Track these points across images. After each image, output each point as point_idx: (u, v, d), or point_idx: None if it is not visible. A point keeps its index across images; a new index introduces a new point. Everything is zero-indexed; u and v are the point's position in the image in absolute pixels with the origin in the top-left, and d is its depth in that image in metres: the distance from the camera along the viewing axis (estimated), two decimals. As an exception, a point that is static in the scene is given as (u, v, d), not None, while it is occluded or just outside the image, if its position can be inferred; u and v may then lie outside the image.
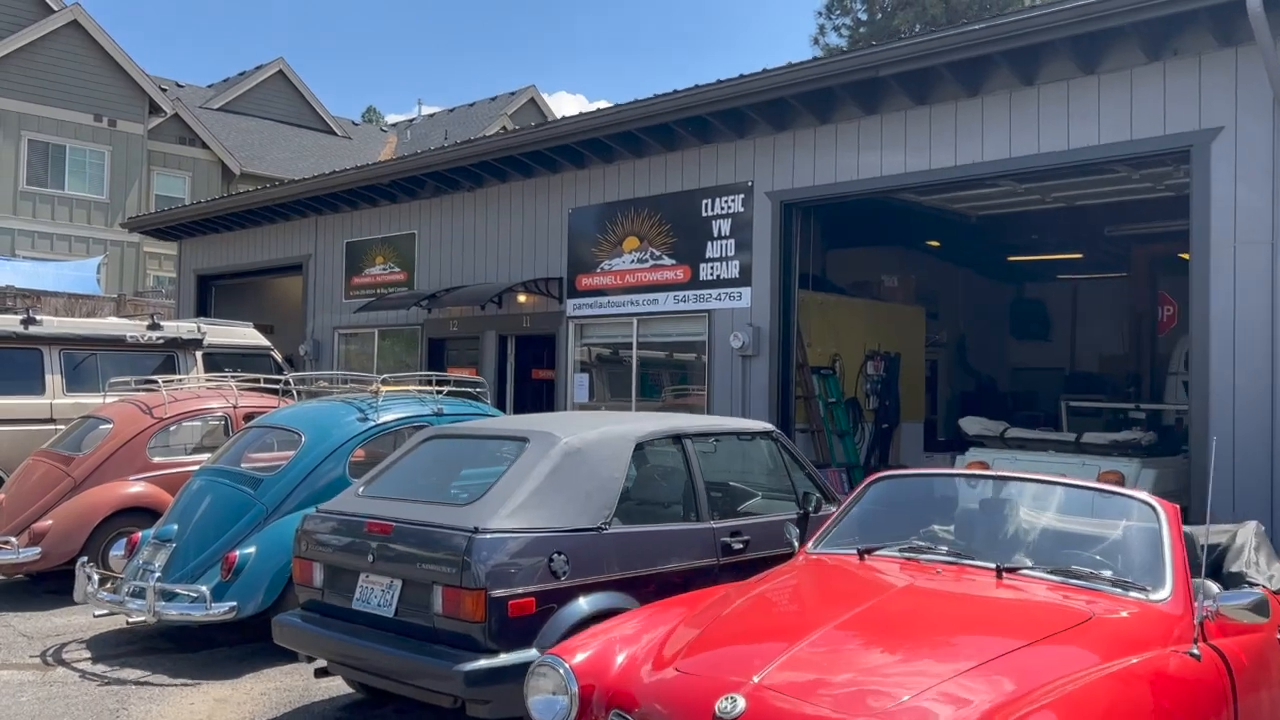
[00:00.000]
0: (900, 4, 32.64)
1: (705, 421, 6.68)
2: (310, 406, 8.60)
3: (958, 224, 13.89)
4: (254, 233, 18.72)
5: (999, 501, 4.78)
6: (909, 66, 9.42)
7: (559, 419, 6.54)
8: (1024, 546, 4.49)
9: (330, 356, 16.75)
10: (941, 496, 5.06)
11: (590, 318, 12.89)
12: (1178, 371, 16.22)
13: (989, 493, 4.83)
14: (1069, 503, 4.70)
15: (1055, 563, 4.26)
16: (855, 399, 12.99)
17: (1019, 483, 4.79)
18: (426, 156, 14.07)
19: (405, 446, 6.50)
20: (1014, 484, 4.78)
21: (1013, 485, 4.78)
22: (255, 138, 38.10)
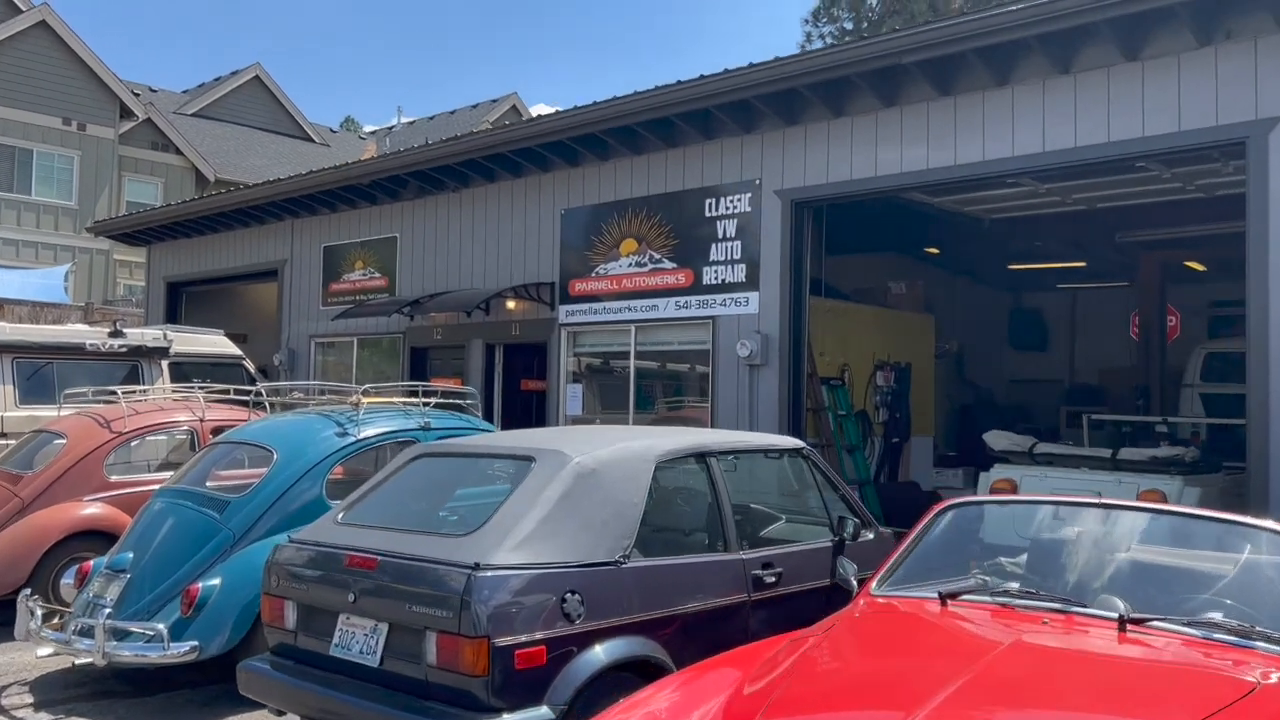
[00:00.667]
0: (889, 11, 32.17)
1: (730, 438, 5.92)
2: (284, 420, 7.79)
3: (970, 227, 13.22)
4: (227, 237, 17.86)
5: (1100, 534, 4.04)
6: (935, 53, 8.74)
7: (566, 434, 5.77)
8: (1138, 590, 3.76)
9: (306, 366, 15.90)
10: (1026, 528, 4.32)
11: (584, 325, 12.12)
12: (1193, 384, 15.62)
13: (1086, 524, 4.09)
14: (1184, 534, 3.97)
15: (1181, 609, 3.53)
16: (864, 411, 12.28)
17: (1122, 511, 4.05)
18: (409, 155, 13.29)
19: (391, 466, 5.71)
20: (1116, 513, 4.05)
21: (1115, 515, 4.04)
22: (230, 144, 37.19)
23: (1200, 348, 15.74)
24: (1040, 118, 8.76)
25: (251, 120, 39.32)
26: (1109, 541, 4.01)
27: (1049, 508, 4.37)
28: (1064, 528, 4.18)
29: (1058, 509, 4.28)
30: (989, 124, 9.06)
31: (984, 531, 4.42)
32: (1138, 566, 3.88)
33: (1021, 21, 8.17)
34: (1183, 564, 3.83)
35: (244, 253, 17.55)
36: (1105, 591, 3.79)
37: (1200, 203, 12.25)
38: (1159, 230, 14.87)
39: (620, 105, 10.92)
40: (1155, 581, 3.83)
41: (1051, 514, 4.29)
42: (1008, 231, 13.77)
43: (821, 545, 5.93)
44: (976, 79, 9.05)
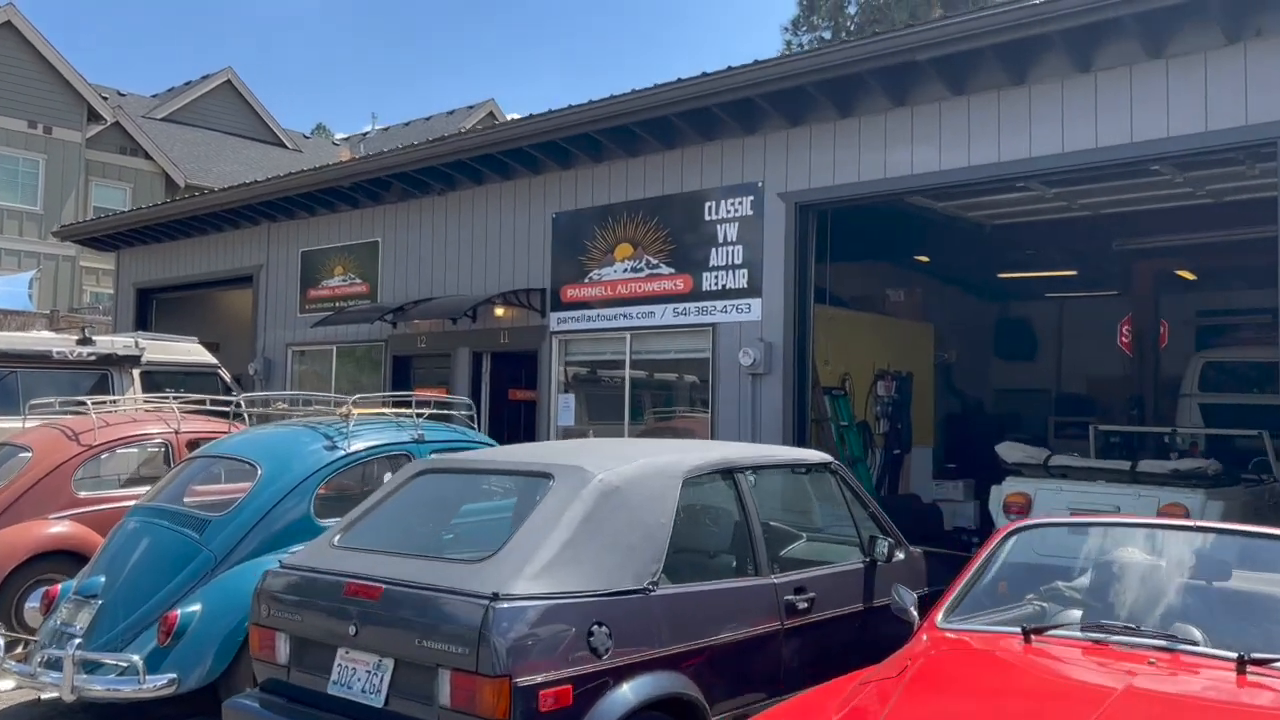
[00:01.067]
0: (868, 20, 31.99)
1: (756, 452, 5.50)
2: (267, 432, 7.30)
3: (971, 234, 12.90)
4: (200, 242, 17.28)
5: (1189, 559, 3.65)
6: (951, 49, 8.38)
7: (583, 449, 5.32)
8: (1240, 624, 3.36)
9: (283, 376, 15.35)
10: (1105, 553, 3.92)
11: (577, 333, 11.68)
12: (1191, 393, 15.39)
13: (1173, 548, 3.70)
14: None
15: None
16: (865, 422, 11.91)
17: (1220, 535, 3.66)
18: (392, 156, 12.80)
19: (392, 484, 5.24)
20: (1213, 536, 3.66)
21: (1212, 538, 3.65)
22: (201, 149, 36.49)
23: (1198, 357, 15.52)
24: (1059, 117, 8.43)
25: (223, 125, 38.63)
26: (1200, 568, 3.63)
27: (1127, 530, 3.97)
28: (1146, 553, 3.78)
29: (1140, 531, 3.89)
30: (1005, 124, 8.72)
31: (1054, 556, 4.03)
32: (1239, 597, 3.49)
33: (1043, 16, 7.83)
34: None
35: (217, 258, 16.98)
36: (1201, 624, 3.40)
37: (1204, 209, 12.00)
38: (1158, 238, 14.64)
39: (616, 104, 10.51)
40: (1260, 614, 3.44)
41: (1132, 537, 3.90)
42: (1006, 238, 13.46)
43: (854, 567, 5.54)
44: (992, 77, 8.71)
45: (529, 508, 4.54)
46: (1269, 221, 11.97)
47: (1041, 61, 8.44)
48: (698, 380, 10.76)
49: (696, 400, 10.79)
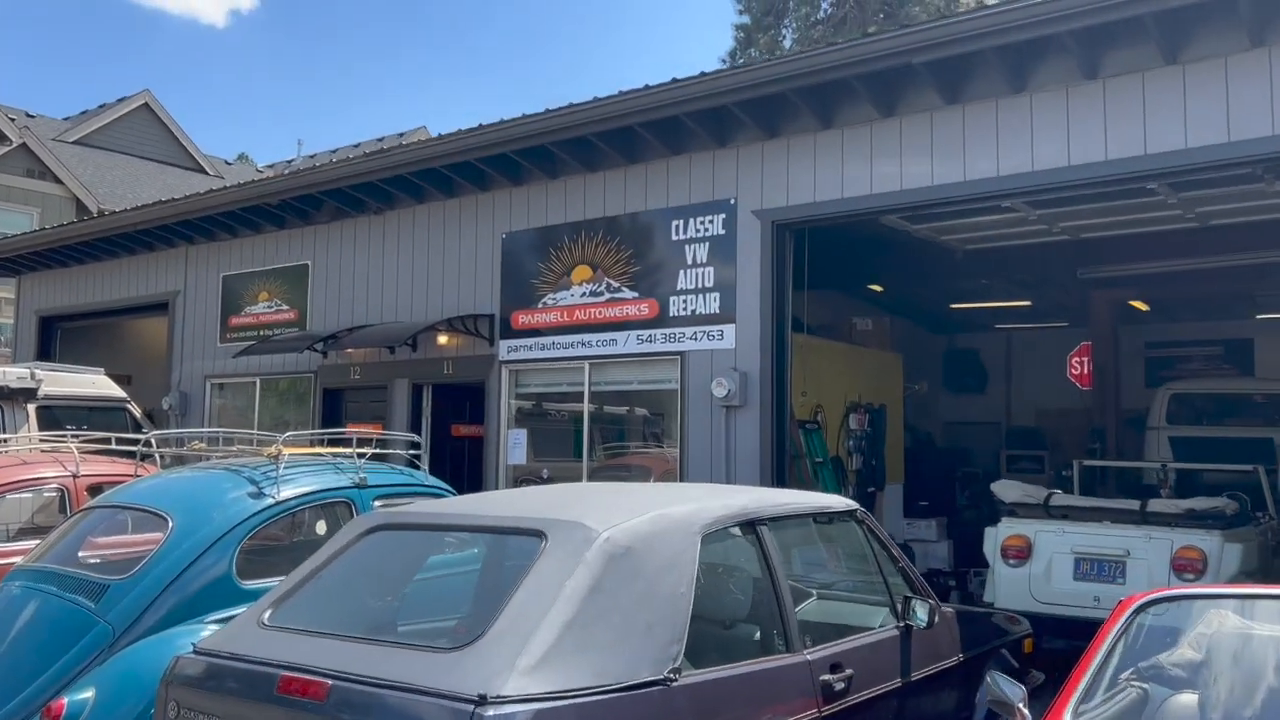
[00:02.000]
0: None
1: (775, 499, 4.61)
2: (182, 477, 6.21)
3: (941, 259, 12.27)
4: (111, 266, 15.94)
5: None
6: (949, 52, 7.69)
7: (572, 498, 4.38)
8: None
9: (201, 411, 14.09)
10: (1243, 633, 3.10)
11: (529, 362, 10.72)
12: (1159, 426, 14.93)
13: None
14: None
15: None
16: (838, 457, 11.11)
17: None
18: (326, 170, 11.75)
19: (337, 543, 4.23)
20: None
21: None
22: (116, 173, 34.78)
23: (1165, 389, 15.10)
24: (1064, 128, 7.77)
25: (140, 150, 36.94)
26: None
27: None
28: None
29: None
30: (1004, 134, 8.03)
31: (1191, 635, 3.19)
32: None
33: (1052, 15, 7.16)
34: None
35: (131, 283, 15.67)
36: None
37: (1182, 235, 11.54)
38: (1127, 265, 14.22)
39: (574, 113, 9.64)
40: None
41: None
42: (975, 265, 12.87)
43: (889, 634, 4.67)
44: (990, 85, 8.04)
45: (517, 577, 3.58)
46: (1253, 248, 11.64)
47: (1047, 66, 7.79)
48: (664, 413, 9.87)
49: (663, 435, 9.89)
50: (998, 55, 7.62)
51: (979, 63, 7.86)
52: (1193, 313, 18.85)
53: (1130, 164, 7.55)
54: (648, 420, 10.11)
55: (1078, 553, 8.28)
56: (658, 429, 9.97)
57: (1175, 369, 19.12)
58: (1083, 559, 8.26)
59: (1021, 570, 8.44)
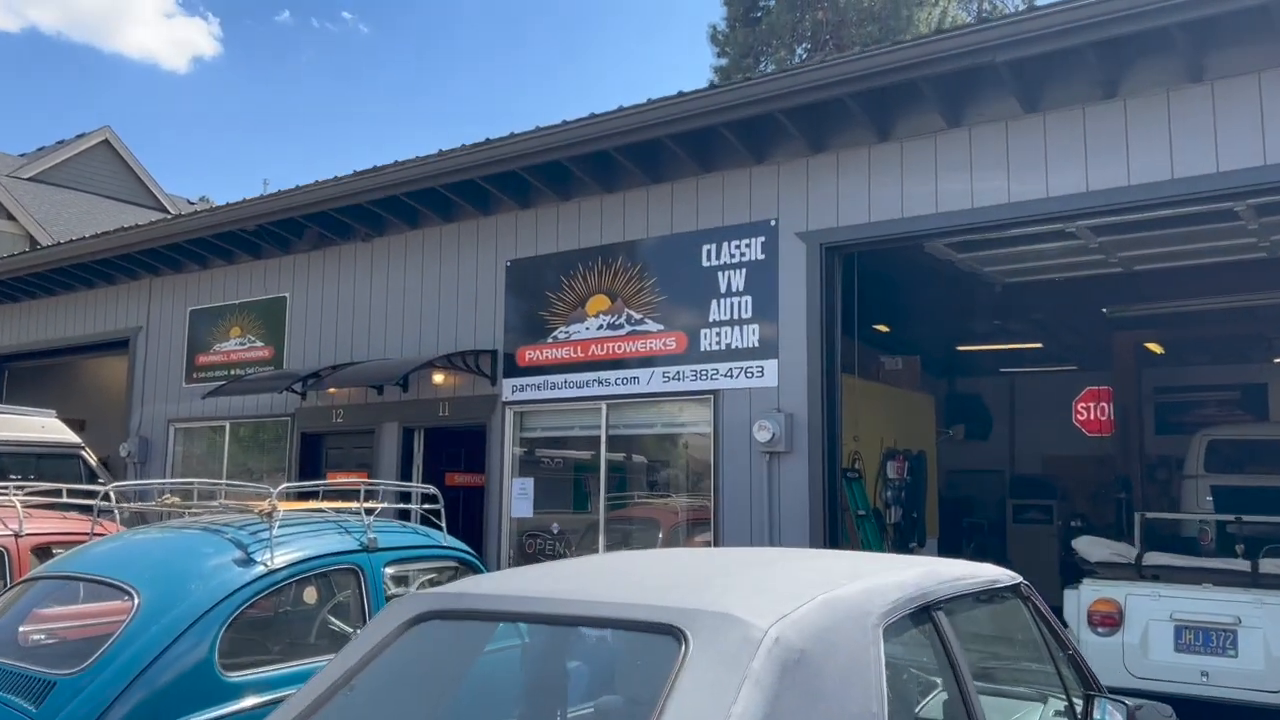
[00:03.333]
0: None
1: (941, 571, 3.52)
2: (150, 539, 5.04)
3: (978, 292, 11.37)
4: (66, 301, 14.67)
5: None
6: (1038, 49, 6.77)
7: (681, 572, 3.27)
8: None
9: (163, 458, 12.80)
10: None
11: (536, 403, 9.61)
12: (1197, 474, 14.04)
13: None
14: None
15: None
16: (877, 509, 10.07)
17: None
18: (309, 191, 10.63)
19: (370, 638, 3.09)
20: None
21: None
22: (73, 210, 33.37)
23: (1201, 435, 14.23)
24: (1166, 136, 6.86)
25: (99, 187, 35.59)
26: None
27: None
28: None
29: None
30: (1093, 146, 7.12)
31: None
32: None
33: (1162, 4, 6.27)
34: None
35: (87, 319, 14.39)
36: None
37: (1245, 267, 10.72)
38: (1159, 304, 13.46)
39: (593, 125, 8.65)
40: None
41: None
42: (1012, 299, 12.00)
43: (1080, 745, 3.59)
44: (1075, 89, 7.14)
45: (647, 699, 2.47)
46: None
47: (1147, 66, 6.89)
48: (695, 460, 8.78)
49: (694, 486, 8.80)
50: (1096, 52, 6.72)
51: (1071, 62, 6.96)
52: (1205, 356, 18.19)
53: (1238, 177, 6.64)
54: (675, 468, 9.01)
55: (1178, 620, 7.27)
56: (687, 478, 8.87)
57: (1188, 414, 18.41)
58: (1185, 627, 7.26)
59: (1113, 640, 7.41)
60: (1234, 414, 17.96)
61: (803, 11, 27.79)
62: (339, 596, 5.15)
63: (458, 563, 5.70)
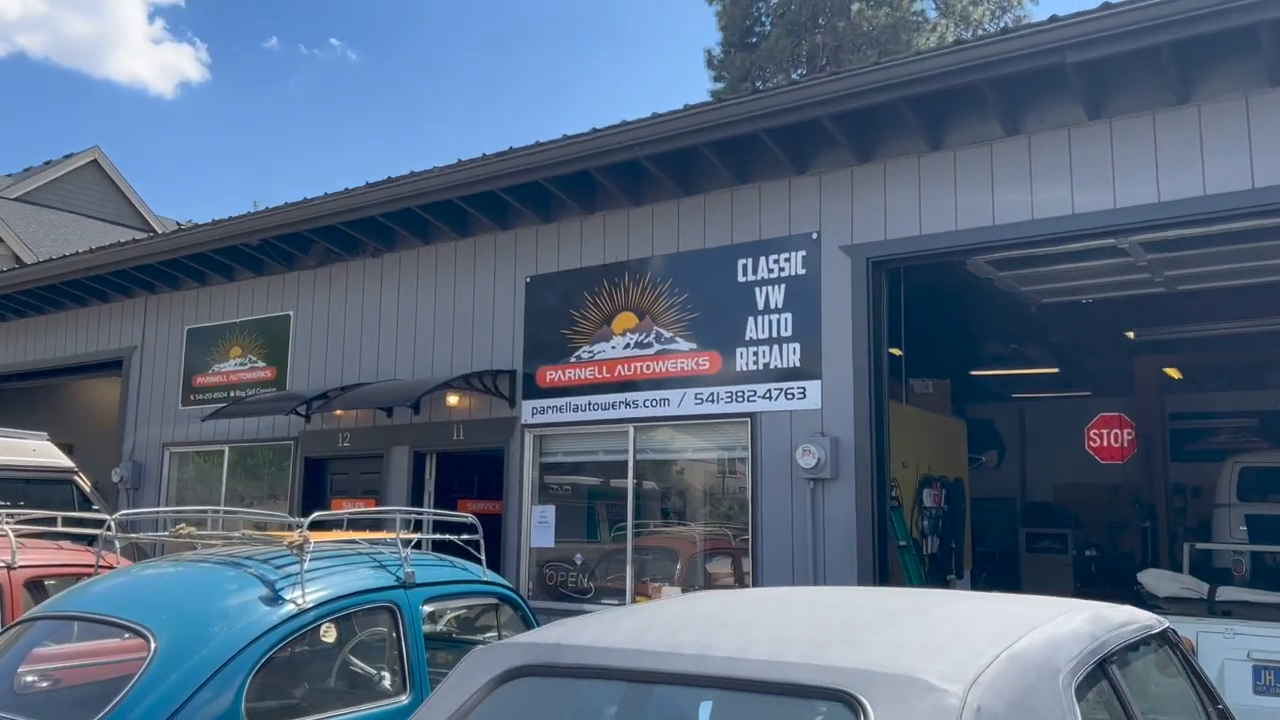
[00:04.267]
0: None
1: (1109, 618, 3.04)
2: (164, 574, 4.50)
3: (1014, 311, 10.97)
4: (56, 320, 14.11)
5: None
6: (1110, 49, 6.36)
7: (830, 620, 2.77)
8: None
9: (158, 484, 12.22)
10: None
11: (558, 426, 9.11)
12: (1229, 503, 13.61)
13: None
14: None
15: None
16: (916, 540, 9.58)
17: None
18: (315, 205, 10.14)
19: (450, 698, 2.58)
20: None
21: None
22: (60, 231, 32.77)
23: (1233, 462, 13.83)
24: (1246, 142, 6.45)
25: (87, 208, 35.02)
26: None
27: None
28: None
29: None
30: (1165, 155, 6.70)
31: None
32: None
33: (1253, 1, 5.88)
34: None
35: (79, 339, 13.83)
36: None
37: (1256, 292, 10.35)
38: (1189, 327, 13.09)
39: (622, 133, 8.20)
40: None
41: None
42: (1046, 320, 11.60)
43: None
44: (1145, 94, 6.74)
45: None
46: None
47: (1225, 68, 6.50)
48: (731, 487, 8.29)
49: (729, 514, 8.30)
50: (1172, 53, 6.31)
51: (1144, 64, 6.55)
52: (1221, 382, 17.86)
53: (1327, 186, 6.23)
54: (710, 496, 8.51)
55: (1257, 659, 6.80)
56: (723, 507, 8.37)
57: (1204, 441, 18.07)
58: (1264, 667, 6.78)
59: (1185, 681, 6.92)
60: (1251, 440, 17.60)
61: (800, 36, 27.54)
62: (375, 638, 4.63)
63: (499, 599, 5.20)
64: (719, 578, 8.34)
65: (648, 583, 8.56)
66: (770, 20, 28.72)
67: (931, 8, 27.09)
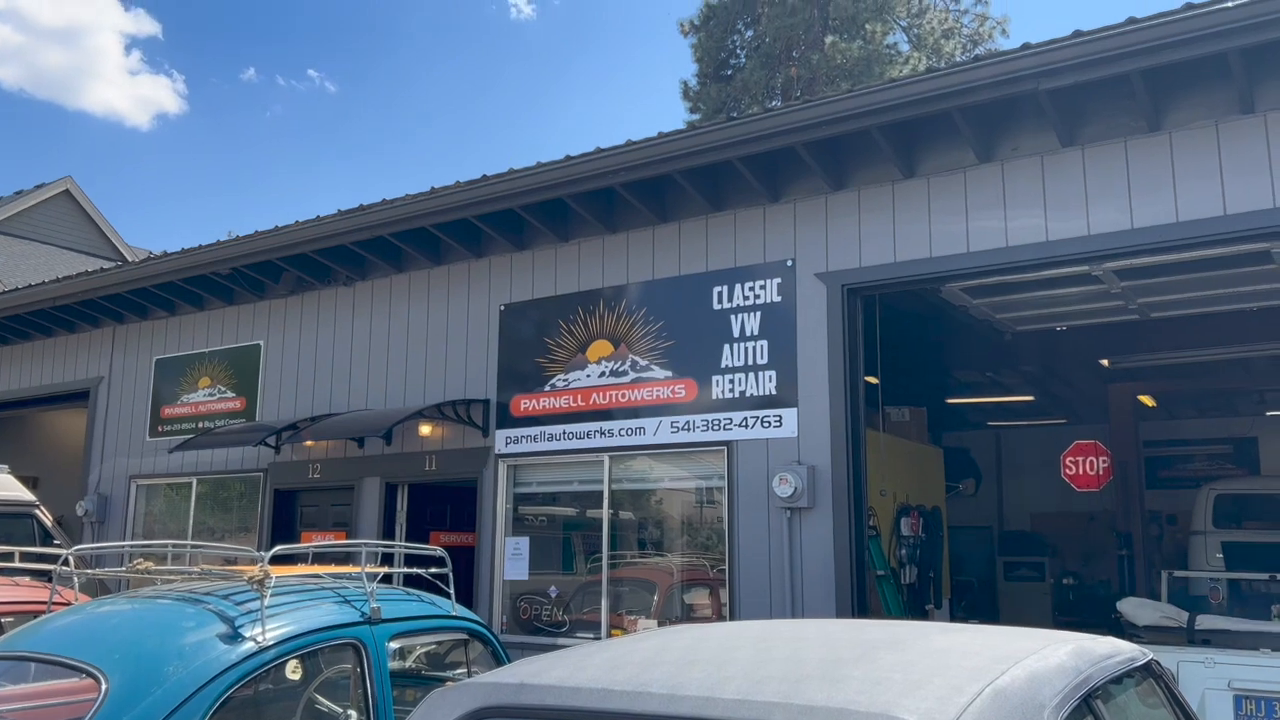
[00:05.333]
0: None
1: (1091, 650, 2.96)
2: (119, 611, 4.35)
3: (984, 340, 10.96)
4: (20, 351, 13.88)
5: None
6: (1081, 76, 6.37)
7: (802, 654, 2.67)
8: None
9: (123, 517, 11.99)
10: None
11: (532, 456, 8.99)
12: (1205, 530, 13.62)
13: None
14: None
15: None
16: (894, 569, 9.50)
17: None
18: (288, 232, 10.02)
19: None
20: None
21: None
22: (30, 262, 32.42)
23: (1208, 489, 13.86)
24: (1217, 168, 6.47)
25: (59, 239, 34.66)
26: None
27: None
28: None
29: None
30: (1138, 180, 6.71)
31: None
32: None
33: (1221, 27, 5.90)
34: None
35: (44, 370, 13.60)
36: None
37: (1228, 319, 10.41)
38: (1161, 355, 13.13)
39: (596, 161, 8.15)
40: None
41: None
42: (1020, 347, 11.61)
43: None
44: (1117, 121, 6.75)
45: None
46: None
47: (1193, 95, 6.52)
48: (708, 516, 8.19)
49: (705, 544, 8.19)
50: (1143, 80, 6.33)
51: (1115, 91, 6.57)
52: (1194, 409, 17.96)
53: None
54: (686, 526, 8.40)
55: (1238, 689, 6.74)
56: (699, 537, 8.26)
57: (1177, 469, 18.16)
58: (1245, 697, 6.72)
59: (1167, 711, 6.84)
60: (1225, 468, 17.68)
61: (774, 68, 27.76)
62: (339, 675, 4.49)
63: (468, 634, 5.07)
64: (697, 609, 8.22)
65: (624, 615, 8.43)
66: (745, 53, 28.93)
67: (904, 41, 27.39)
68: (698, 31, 28.49)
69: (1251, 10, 5.70)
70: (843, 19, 26.08)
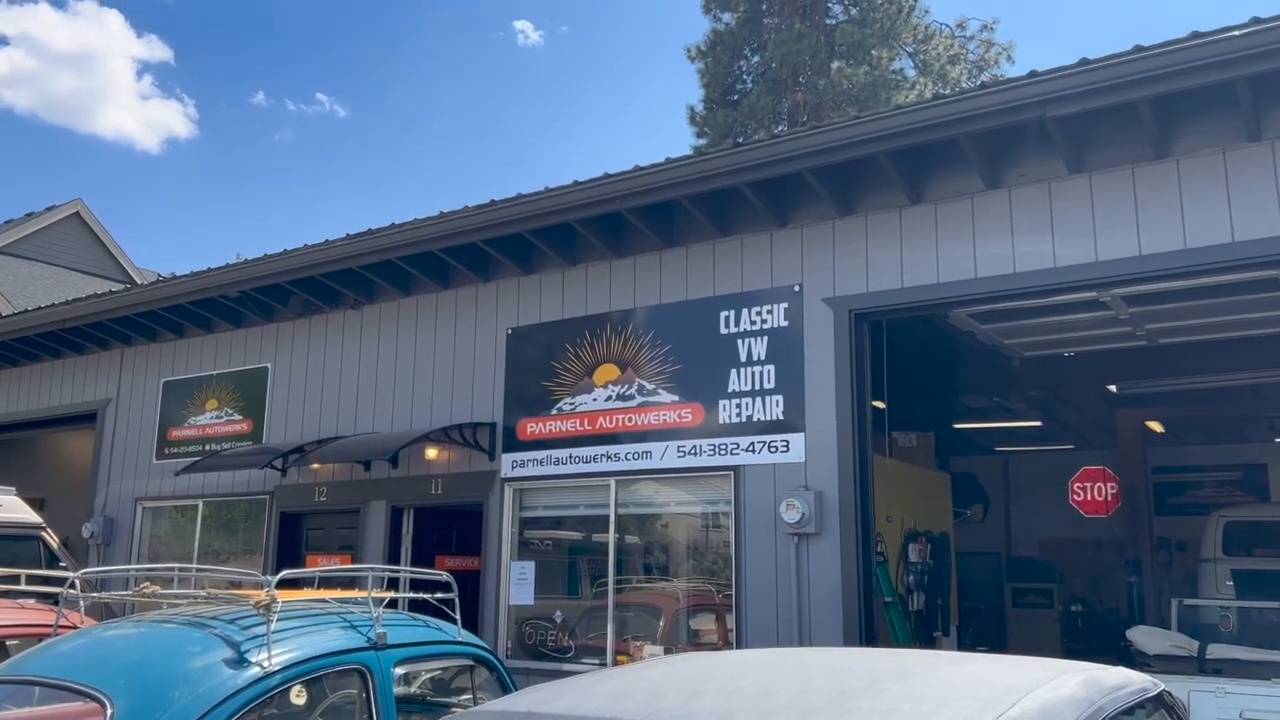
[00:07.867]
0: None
1: (1102, 681, 2.94)
2: (125, 635, 4.34)
3: (992, 366, 10.95)
4: (30, 372, 13.92)
5: None
6: (1091, 104, 6.39)
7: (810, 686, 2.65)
8: None
9: (129, 539, 11.98)
10: None
11: (539, 479, 8.98)
12: (1215, 557, 13.52)
13: None
14: None
15: None
16: (902, 596, 9.44)
17: None
18: (297, 256, 10.07)
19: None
20: None
21: None
22: (39, 284, 32.60)
23: (1217, 516, 13.77)
24: (1225, 195, 6.47)
25: (69, 261, 34.87)
26: None
27: None
28: None
29: None
30: (1146, 207, 6.71)
31: None
32: None
33: (1231, 55, 5.92)
34: None
35: (52, 392, 13.63)
36: None
37: (1238, 345, 10.37)
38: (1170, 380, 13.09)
39: (604, 186, 8.18)
40: None
41: None
42: (1028, 373, 11.59)
43: None
44: (1124, 148, 6.77)
45: None
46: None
47: (1195, 126, 6.53)
48: (714, 542, 8.16)
49: (712, 570, 8.16)
50: (1151, 108, 6.34)
51: (1123, 119, 6.58)
52: (1203, 435, 17.88)
53: (1306, 240, 6.24)
54: (692, 551, 8.37)
55: (1249, 718, 6.68)
56: (706, 562, 8.23)
57: (1186, 495, 18.05)
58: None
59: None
60: (1234, 494, 17.58)
61: (781, 94, 27.87)
62: (344, 700, 4.47)
63: (474, 660, 5.04)
64: (703, 635, 8.18)
65: (629, 640, 8.39)
66: (751, 78, 29.05)
67: (910, 66, 27.50)
68: (704, 57, 28.62)
69: (1258, 39, 5.71)
70: (849, 45, 26.21)
